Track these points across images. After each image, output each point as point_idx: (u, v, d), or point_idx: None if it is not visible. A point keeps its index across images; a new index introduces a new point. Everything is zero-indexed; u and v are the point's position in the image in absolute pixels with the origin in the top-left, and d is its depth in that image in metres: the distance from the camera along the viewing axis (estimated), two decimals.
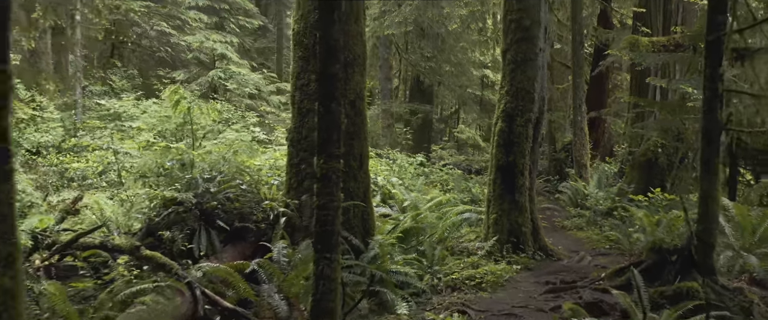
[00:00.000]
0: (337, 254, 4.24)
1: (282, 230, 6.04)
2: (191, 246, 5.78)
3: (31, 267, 5.26)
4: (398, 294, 5.79)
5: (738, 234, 7.26)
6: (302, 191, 6.49)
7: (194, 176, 6.07)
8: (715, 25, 5.48)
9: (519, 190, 7.74)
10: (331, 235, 4.17)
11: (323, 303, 4.19)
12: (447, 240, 7.84)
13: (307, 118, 6.54)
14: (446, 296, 6.22)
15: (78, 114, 12.72)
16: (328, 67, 4.12)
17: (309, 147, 6.55)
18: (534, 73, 7.74)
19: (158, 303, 4.59)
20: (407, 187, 9.71)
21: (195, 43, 17.10)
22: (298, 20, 6.62)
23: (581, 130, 14.40)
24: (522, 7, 7.69)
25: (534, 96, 7.79)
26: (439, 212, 8.61)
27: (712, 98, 5.52)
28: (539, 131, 8.15)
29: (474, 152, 23.91)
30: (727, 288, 5.70)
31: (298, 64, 6.56)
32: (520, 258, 7.48)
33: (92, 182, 7.78)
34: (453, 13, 14.49)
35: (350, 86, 6.42)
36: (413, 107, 19.10)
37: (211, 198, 6.02)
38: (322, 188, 4.17)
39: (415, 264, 6.64)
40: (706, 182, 5.72)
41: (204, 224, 5.97)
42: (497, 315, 5.61)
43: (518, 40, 7.73)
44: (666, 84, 11.00)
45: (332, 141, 4.18)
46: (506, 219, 7.68)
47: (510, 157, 7.73)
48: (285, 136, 10.84)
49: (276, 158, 7.90)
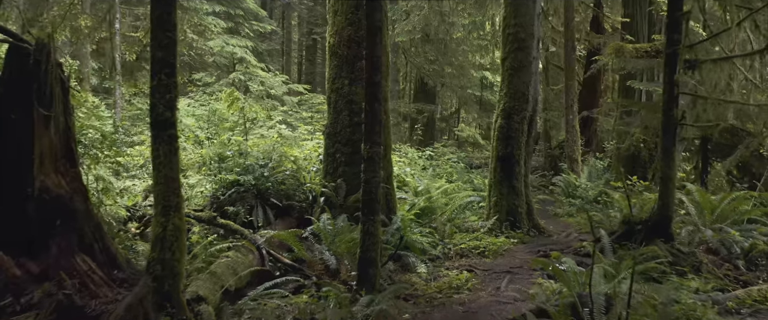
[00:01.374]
0: (378, 216, 5.65)
1: (323, 206, 7.42)
2: (251, 219, 7.17)
3: (129, 233, 6.64)
4: (419, 257, 7.18)
5: (699, 213, 8.66)
6: (337, 176, 7.87)
7: (251, 163, 7.44)
8: (672, 42, 6.88)
9: (516, 177, 9.13)
10: (374, 202, 5.57)
11: (368, 254, 5.60)
12: (455, 220, 9.22)
13: (341, 115, 7.93)
14: (455, 261, 7.61)
15: (118, 113, 14.06)
16: (373, 77, 5.52)
17: (342, 139, 7.94)
18: (528, 78, 9.13)
19: (238, 257, 5.98)
20: (418, 176, 11.10)
21: (216, 48, 18.45)
22: (332, 35, 8.01)
23: (573, 128, 15.77)
24: (518, 22, 9.08)
25: (528, 97, 9.18)
26: (446, 198, 9.99)
27: (669, 99, 6.92)
28: (533, 127, 9.53)
29: (473, 150, 25.23)
30: (682, 252, 7.09)
31: (333, 71, 7.95)
32: (516, 233, 8.87)
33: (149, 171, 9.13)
34: (457, 22, 15.88)
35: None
36: (418, 106, 20.49)
37: (266, 181, 7.40)
38: (367, 166, 5.57)
39: (430, 237, 8.02)
40: (665, 167, 7.12)
41: (260, 202, 7.35)
42: (498, 272, 7.00)
43: (515, 49, 9.11)
44: (644, 87, 12.39)
45: (375, 132, 5.57)
46: (505, 202, 9.07)
47: (508, 149, 9.12)
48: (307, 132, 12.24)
49: (311, 149, 9.26)
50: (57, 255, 4.53)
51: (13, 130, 4.60)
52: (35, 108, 4.63)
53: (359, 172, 6.83)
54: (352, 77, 7.83)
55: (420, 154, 14.10)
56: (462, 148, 25.84)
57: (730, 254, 7.36)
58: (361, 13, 7.73)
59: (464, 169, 14.90)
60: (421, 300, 5.94)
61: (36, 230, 4.48)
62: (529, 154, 9.57)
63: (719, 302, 5.49)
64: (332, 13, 8.08)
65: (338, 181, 7.76)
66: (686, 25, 6.77)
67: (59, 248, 4.54)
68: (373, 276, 5.53)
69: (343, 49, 7.79)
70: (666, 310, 4.58)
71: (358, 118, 7.75)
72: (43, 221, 4.52)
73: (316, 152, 9.02)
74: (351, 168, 7.76)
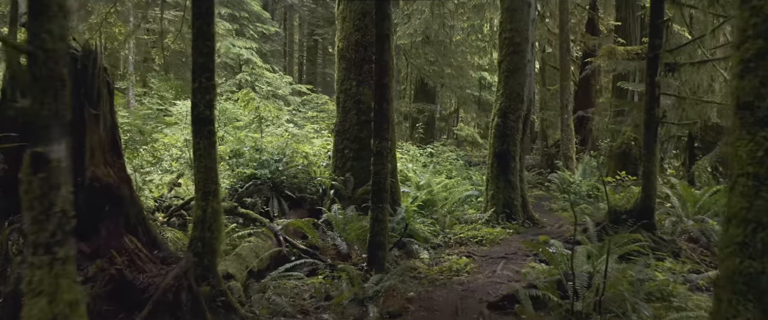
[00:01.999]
0: (386, 204, 6.28)
1: (333, 198, 8.05)
2: (267, 209, 7.79)
3: (157, 221, 7.27)
4: (421, 245, 7.80)
5: (682, 206, 9.31)
6: (345, 170, 8.50)
7: (267, 158, 8.06)
8: (653, 47, 7.51)
9: (511, 171, 9.76)
10: (382, 191, 6.20)
11: (377, 238, 6.22)
12: (454, 212, 9.86)
13: (349, 114, 8.55)
14: (455, 248, 8.24)
15: (130, 113, 14.68)
16: (381, 80, 6.14)
17: (350, 136, 8.57)
18: (523, 79, 9.76)
19: (259, 242, 6.60)
20: (420, 172, 11.74)
21: (223, 49, 19.06)
22: (341, 39, 8.64)
23: (568, 127, 16.41)
24: (513, 28, 9.71)
25: (523, 98, 9.81)
26: (447, 192, 10.62)
27: (650, 99, 7.55)
28: (527, 125, 10.16)
29: (472, 149, 25.85)
30: (664, 239, 7.72)
31: (342, 74, 8.57)
32: (511, 224, 9.50)
33: (169, 166, 9.77)
34: (456, 25, 16.54)
35: None
36: (419, 106, 21.15)
37: (280, 175, 8.03)
38: (376, 160, 6.20)
39: (431, 227, 8.66)
40: (648, 162, 7.74)
41: (275, 194, 7.98)
42: (494, 258, 7.63)
43: (511, 53, 9.74)
44: (634, 87, 13.03)
45: (383, 129, 6.20)
46: (501, 195, 9.71)
47: (504, 145, 9.75)
48: (313, 130, 12.84)
49: (319, 146, 9.89)
50: (106, 236, 5.17)
51: None
52: (86, 108, 5.27)
53: (365, 166, 7.48)
54: (359, 79, 8.46)
55: (421, 151, 14.76)
56: (461, 147, 26.45)
57: (708, 242, 8.00)
58: (368, 19, 8.35)
59: (463, 166, 15.54)
60: (425, 280, 6.56)
61: (86, 216, 5.11)
62: (523, 150, 10.20)
63: (692, 281, 6.12)
64: (341, 19, 8.71)
65: (347, 175, 8.39)
66: (666, 31, 7.40)
67: (108, 230, 5.17)
68: (382, 258, 6.16)
69: (351, 52, 8.42)
70: (640, 284, 5.21)
71: (365, 116, 8.37)
72: (93, 207, 5.14)
73: (325, 149, 9.65)
74: (358, 163, 8.40)
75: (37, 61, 2.64)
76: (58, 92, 2.73)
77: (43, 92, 2.65)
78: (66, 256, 2.85)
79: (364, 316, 5.29)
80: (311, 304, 5.66)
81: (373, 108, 6.22)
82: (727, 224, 2.64)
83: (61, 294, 2.82)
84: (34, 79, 2.67)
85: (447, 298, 5.96)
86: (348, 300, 5.56)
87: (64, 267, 2.81)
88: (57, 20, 2.67)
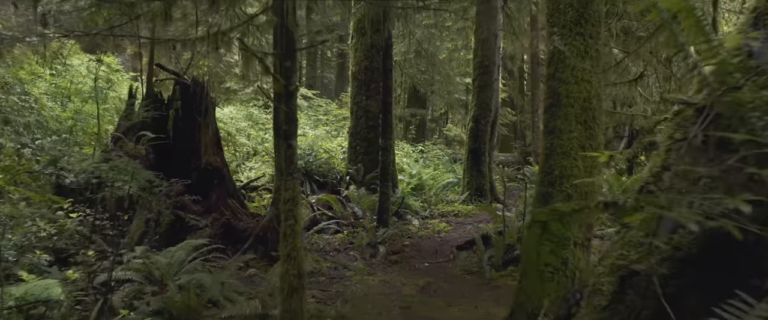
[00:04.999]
0: (390, 184, 9.28)
1: (349, 182, 11.05)
2: (302, 189, 10.77)
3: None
4: (413, 215, 10.82)
5: (609, 189, 12.38)
6: (358, 162, 11.50)
7: (300, 153, 11.04)
8: None
9: (482, 163, 12.79)
10: (387, 175, 9.20)
11: (384, 205, 9.22)
12: (439, 195, 12.88)
13: (360, 121, 11.56)
14: (438, 219, 11.26)
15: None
16: (387, 98, 9.15)
17: (361, 137, 11.57)
18: (491, 93, 12.79)
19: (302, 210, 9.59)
20: (412, 165, 14.78)
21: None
22: (354, 65, 11.65)
23: (538, 128, 19.50)
24: (484, 54, 12.73)
25: (491, 107, 12.84)
26: (433, 181, 13.65)
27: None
28: (495, 129, 13.19)
29: (460, 148, 28.77)
30: None
31: (354, 90, 11.59)
32: (481, 203, 12.52)
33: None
34: (442, 46, 19.61)
35: None
36: (412, 110, 24.17)
37: (310, 164, 11.01)
38: (383, 153, 9.20)
39: (421, 204, 11.66)
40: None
41: (307, 178, 10.96)
42: (465, 224, 10.67)
43: (481, 73, 12.77)
44: None
45: (387, 132, 9.20)
46: (474, 181, 12.73)
47: (476, 144, 12.77)
48: (325, 132, 15.77)
49: (337, 144, 12.90)
50: (216, 199, 8.18)
51: (182, 131, 8.20)
52: (200, 118, 8.26)
53: (372, 159, 10.45)
54: (367, 95, 11.47)
55: (413, 149, 17.81)
56: (450, 146, 29.45)
57: None
58: (374, 50, 11.36)
59: (449, 162, 18.59)
60: (415, 236, 9.58)
61: (202, 187, 8.06)
62: (491, 147, 13.24)
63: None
64: (353, 49, 11.73)
65: (359, 165, 11.40)
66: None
67: (217, 195, 8.18)
68: (387, 219, 9.17)
69: (362, 75, 11.44)
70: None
71: (372, 122, 11.38)
72: (206, 182, 8.13)
73: (340, 147, 12.66)
74: (367, 156, 11.40)
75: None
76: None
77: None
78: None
79: (376, 253, 8.30)
80: (340, 246, 8.67)
81: (378, 116, 9.22)
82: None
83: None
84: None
85: (430, 245, 8.99)
86: (365, 243, 8.57)
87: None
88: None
